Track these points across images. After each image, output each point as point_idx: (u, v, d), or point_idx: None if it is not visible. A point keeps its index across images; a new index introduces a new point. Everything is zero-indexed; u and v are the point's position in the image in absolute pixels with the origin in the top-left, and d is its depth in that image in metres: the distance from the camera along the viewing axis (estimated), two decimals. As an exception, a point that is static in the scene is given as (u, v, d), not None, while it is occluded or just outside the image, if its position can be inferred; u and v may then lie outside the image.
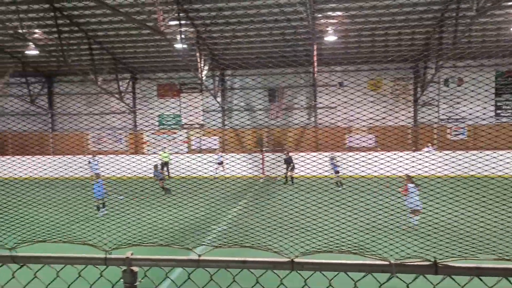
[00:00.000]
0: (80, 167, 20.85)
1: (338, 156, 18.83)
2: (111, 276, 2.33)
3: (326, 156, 18.56)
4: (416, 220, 9.19)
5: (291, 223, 2.75)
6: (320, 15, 19.51)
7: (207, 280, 2.28)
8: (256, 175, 22.53)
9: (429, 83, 22.87)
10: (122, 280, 2.13)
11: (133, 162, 20.34)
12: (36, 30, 20.46)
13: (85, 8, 18.81)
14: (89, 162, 21.37)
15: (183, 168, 21.41)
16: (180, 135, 27.47)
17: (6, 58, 24.40)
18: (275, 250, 2.07)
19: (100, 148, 27.44)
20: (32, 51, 22.43)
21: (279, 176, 21.07)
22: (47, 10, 18.85)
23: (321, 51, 23.02)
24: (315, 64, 22.81)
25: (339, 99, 22.97)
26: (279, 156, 21.24)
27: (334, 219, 2.68)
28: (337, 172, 18.20)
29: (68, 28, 20.41)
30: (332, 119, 24.36)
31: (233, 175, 20.50)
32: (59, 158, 21.57)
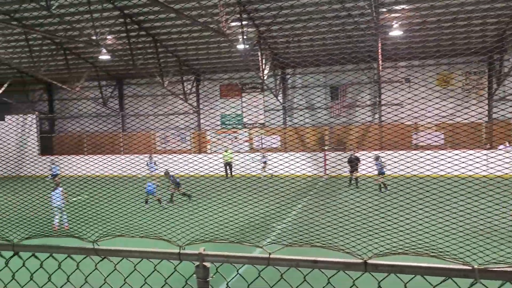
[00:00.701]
0: (142, 166, 21.87)
1: (382, 156, 17.74)
2: (183, 271, 2.41)
3: (372, 156, 17.78)
4: None
5: (363, 223, 2.68)
6: (384, 9, 18.87)
7: (275, 278, 2.28)
8: (318, 174, 22.25)
9: (506, 76, 21.30)
10: (195, 275, 2.18)
11: (202, 161, 20.91)
12: (108, 37, 21.70)
13: (152, 13, 19.65)
14: (147, 164, 22.26)
15: (246, 167, 21.68)
16: (242, 134, 27.84)
17: (82, 63, 26.14)
18: (348, 251, 2.02)
19: (175, 147, 28.56)
20: (105, 56, 23.80)
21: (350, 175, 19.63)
22: (118, 17, 19.93)
23: (386, 46, 22.26)
24: (380, 59, 22.11)
25: (407, 95, 22.08)
26: (352, 156, 19.73)
27: (410, 219, 2.57)
28: (383, 173, 16.96)
29: (136, 33, 21.45)
30: (399, 118, 23.48)
31: (294, 174, 20.37)
32: (138, 157, 22.77)
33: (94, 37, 19.32)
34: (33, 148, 28.84)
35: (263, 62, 22.17)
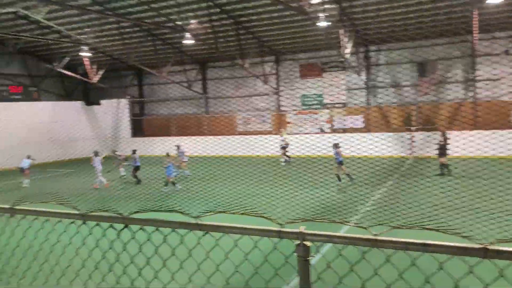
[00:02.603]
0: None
1: (340, 143, 15.70)
2: (283, 249, 2.39)
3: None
4: None
5: (477, 207, 2.44)
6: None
7: (376, 259, 2.18)
8: (404, 156, 21.27)
9: None
10: (295, 253, 2.15)
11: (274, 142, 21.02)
12: (191, 21, 22.35)
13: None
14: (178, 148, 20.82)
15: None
16: (322, 115, 27.39)
17: (168, 49, 27.31)
18: (465, 235, 1.85)
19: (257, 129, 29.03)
20: (189, 41, 24.59)
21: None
22: (201, 1, 20.39)
23: (483, 16, 20.29)
24: (475, 31, 20.26)
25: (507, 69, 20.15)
26: (444, 139, 17.49)
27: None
28: (341, 163, 15.40)
29: (218, 16, 21.83)
30: (496, 95, 21.49)
31: (378, 155, 19.60)
32: (223, 138, 23.36)
33: (179, 22, 20.02)
34: (125, 130, 31.02)
35: (346, 39, 21.42)
